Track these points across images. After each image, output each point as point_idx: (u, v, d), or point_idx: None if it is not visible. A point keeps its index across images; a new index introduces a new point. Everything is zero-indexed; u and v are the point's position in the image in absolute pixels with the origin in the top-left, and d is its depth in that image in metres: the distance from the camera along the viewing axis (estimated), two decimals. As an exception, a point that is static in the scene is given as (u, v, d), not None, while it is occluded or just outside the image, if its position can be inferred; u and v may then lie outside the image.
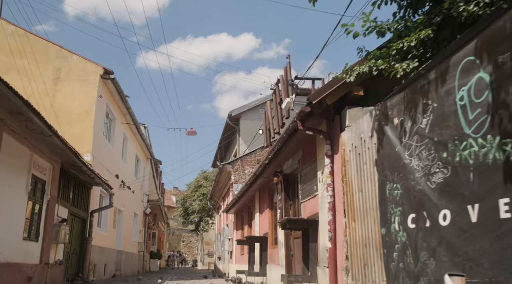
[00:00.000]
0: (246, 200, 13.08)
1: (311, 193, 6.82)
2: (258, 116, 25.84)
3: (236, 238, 15.96)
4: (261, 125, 22.43)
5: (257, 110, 26.42)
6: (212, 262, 38.66)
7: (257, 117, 25.82)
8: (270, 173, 9.13)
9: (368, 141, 4.86)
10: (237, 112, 25.91)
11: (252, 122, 25.58)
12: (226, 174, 18.59)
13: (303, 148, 7.41)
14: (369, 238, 4.77)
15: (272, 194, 10.35)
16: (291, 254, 8.19)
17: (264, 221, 10.68)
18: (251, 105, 26.39)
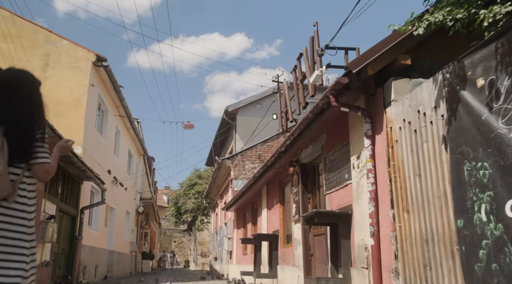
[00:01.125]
0: (250, 195, 12.12)
1: (340, 182, 5.88)
2: (256, 112, 24.95)
3: (237, 237, 14.98)
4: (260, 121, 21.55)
5: (254, 105, 25.53)
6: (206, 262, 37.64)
7: (254, 113, 24.92)
8: (284, 163, 8.18)
9: (431, 114, 3.94)
10: (234, 107, 24.98)
11: (249, 118, 24.66)
12: (225, 170, 17.62)
13: (327, 133, 6.48)
14: (433, 232, 3.84)
15: (283, 187, 9.40)
16: (310, 253, 7.25)
17: (274, 217, 9.72)
18: (248, 100, 25.48)
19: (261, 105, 25.44)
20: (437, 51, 5.52)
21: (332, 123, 6.14)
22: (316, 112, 5.76)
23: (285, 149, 7.44)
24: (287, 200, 9.17)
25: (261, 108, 25.53)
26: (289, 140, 6.99)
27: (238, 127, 25.28)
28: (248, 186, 10.96)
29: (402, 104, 4.46)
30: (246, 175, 17.07)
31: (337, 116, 5.85)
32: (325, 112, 5.66)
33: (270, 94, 25.21)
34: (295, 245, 7.86)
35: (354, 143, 5.45)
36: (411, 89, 4.73)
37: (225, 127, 26.37)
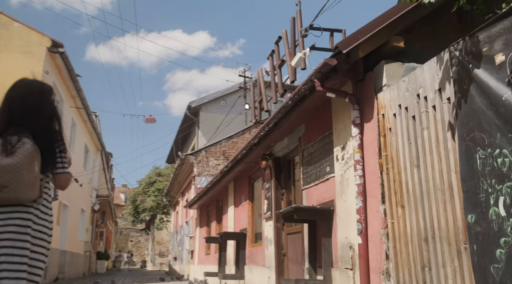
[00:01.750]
0: (215, 192, 11.52)
1: (320, 176, 5.43)
2: (219, 108, 24.36)
3: (200, 236, 14.33)
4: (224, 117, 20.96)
5: (218, 102, 24.95)
6: (164, 262, 36.58)
7: (218, 110, 24.34)
8: (256, 156, 7.66)
9: (434, 98, 3.52)
10: (197, 103, 24.30)
11: (212, 115, 24.05)
12: (188, 166, 16.92)
13: (306, 123, 6.01)
14: (434, 229, 3.43)
15: (252, 183, 8.89)
16: (283, 253, 6.77)
17: (242, 215, 9.19)
18: (211, 96, 24.86)
19: (225, 102, 24.89)
20: (425, 37, 5.18)
21: (312, 112, 5.68)
22: (296, 99, 5.27)
23: (258, 141, 6.93)
24: (256, 197, 8.66)
25: (225, 105, 24.98)
26: (264, 131, 6.47)
27: (201, 123, 24.64)
28: (214, 182, 10.37)
29: (397, 88, 4.04)
30: (210, 172, 16.46)
31: (319, 104, 5.39)
32: (306, 99, 5.18)
33: (235, 91, 24.73)
34: (266, 244, 7.36)
35: (339, 133, 5.00)
36: (404, 74, 4.33)
37: (188, 123, 25.64)
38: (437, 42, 5.15)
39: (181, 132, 27.80)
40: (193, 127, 25.68)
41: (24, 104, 2.34)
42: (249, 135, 17.45)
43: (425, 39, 5.12)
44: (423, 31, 5.15)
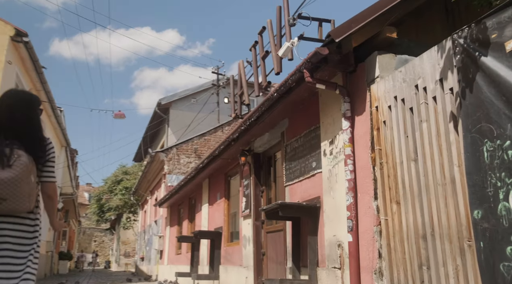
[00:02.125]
0: (188, 190, 11.16)
1: (305, 172, 5.21)
2: (190, 106, 23.97)
3: (170, 235, 13.90)
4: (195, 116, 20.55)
5: (189, 99, 24.56)
6: (129, 263, 35.68)
7: (188, 108, 23.94)
8: (234, 152, 7.39)
9: (434, 88, 3.36)
10: (167, 100, 23.81)
11: (182, 113, 23.62)
12: (158, 164, 16.45)
13: (290, 117, 5.80)
14: (434, 226, 3.26)
15: (229, 180, 8.60)
16: (262, 252, 6.52)
17: (217, 213, 8.88)
18: (182, 94, 24.43)
19: (196, 100, 24.50)
20: (414, 31, 5.07)
21: (297, 106, 5.47)
22: (282, 92, 5.04)
23: (238, 136, 6.65)
24: (233, 194, 8.39)
25: (196, 103, 24.58)
26: (245, 126, 6.21)
27: (171, 121, 24.14)
28: (188, 180, 10.02)
29: (392, 79, 3.87)
30: (181, 170, 16.06)
31: (305, 97, 5.18)
32: (293, 91, 4.96)
33: (206, 89, 24.34)
34: (243, 243, 7.09)
35: (326, 127, 4.80)
36: (396, 66, 4.18)
37: (157, 120, 25.07)
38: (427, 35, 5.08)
39: (150, 130, 27.18)
40: (162, 125, 25.14)
41: (14, 116, 2.36)
42: (222, 133, 17.16)
43: (414, 33, 5.02)
44: (412, 25, 5.05)
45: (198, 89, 24.77)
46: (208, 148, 16.78)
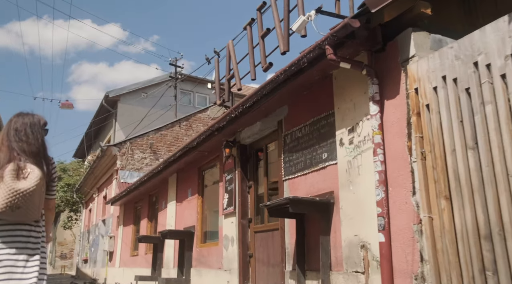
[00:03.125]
0: (149, 187, 10.23)
1: (313, 164, 4.62)
2: (140, 101, 22.80)
3: (123, 235, 12.79)
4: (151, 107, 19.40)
5: (139, 94, 23.35)
6: (66, 265, 33.40)
7: (138, 102, 22.75)
8: (214, 144, 6.68)
9: (503, 65, 2.88)
10: (116, 93, 22.45)
11: (132, 107, 22.39)
12: (110, 159, 15.22)
13: (290, 104, 5.19)
14: (504, 224, 2.78)
15: (203, 175, 7.83)
16: (249, 254, 5.85)
17: (187, 211, 8.07)
18: (132, 87, 23.15)
19: (146, 94, 23.33)
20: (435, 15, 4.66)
21: (299, 91, 4.87)
22: (292, 72, 4.41)
23: (224, 125, 5.94)
24: (208, 190, 7.63)
25: (146, 98, 23.40)
26: (235, 113, 5.51)
27: (119, 116, 22.76)
28: (152, 175, 9.11)
29: (439, 57, 3.37)
30: (135, 166, 14.96)
31: (314, 80, 4.60)
32: (304, 72, 4.35)
33: (159, 83, 23.21)
34: (224, 244, 6.38)
35: (344, 113, 4.23)
36: (432, 46, 3.71)
37: (103, 115, 23.56)
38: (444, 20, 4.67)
39: (96, 124, 25.55)
40: (109, 120, 23.68)
41: (28, 137, 2.57)
42: (179, 128, 16.24)
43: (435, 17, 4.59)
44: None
45: (150, 83, 23.57)
46: (165, 143, 15.81)
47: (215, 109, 17.16)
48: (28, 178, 2.40)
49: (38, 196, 2.42)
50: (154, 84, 23.41)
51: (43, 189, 2.49)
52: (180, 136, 16.14)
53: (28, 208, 2.37)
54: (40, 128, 2.67)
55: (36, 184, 2.39)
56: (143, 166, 15.15)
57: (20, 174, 2.40)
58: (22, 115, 2.68)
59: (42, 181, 2.46)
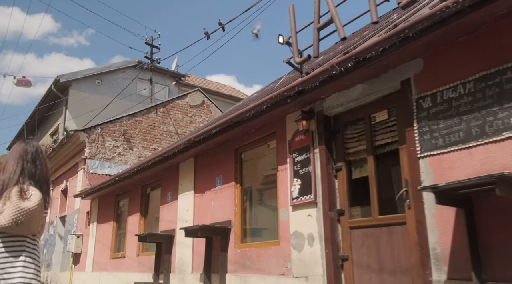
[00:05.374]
0: (143, 176, 8.35)
1: (486, 134, 3.29)
2: (94, 89, 20.43)
3: (97, 234, 10.63)
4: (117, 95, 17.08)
5: (93, 80, 20.93)
6: None
7: (92, 90, 20.32)
8: (271, 117, 5.15)
9: None
10: (67, 78, 19.81)
11: (85, 95, 19.90)
12: (76, 146, 12.93)
13: (427, 56, 3.81)
14: None
15: (241, 158, 6.20)
16: (342, 256, 4.38)
17: (218, 203, 6.37)
18: (86, 73, 20.64)
19: (101, 81, 20.91)
20: None
21: (452, 36, 3.52)
22: (460, 8, 3.05)
23: (303, 90, 4.44)
24: (249, 177, 6.03)
25: (101, 86, 20.98)
26: (338, 69, 4.04)
27: (71, 104, 20.13)
28: (160, 160, 7.29)
29: None
30: (106, 155, 12.82)
31: (494, 18, 3.27)
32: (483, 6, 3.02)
33: (114, 70, 20.91)
34: (294, 244, 4.85)
35: None
36: None
37: (52, 101, 20.74)
38: None
39: (43, 113, 22.57)
40: (59, 108, 20.89)
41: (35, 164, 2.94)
42: (156, 115, 14.26)
43: None
44: None
45: (106, 70, 21.15)
46: (140, 131, 13.78)
47: (194, 96, 15.38)
48: (31, 198, 2.78)
49: (38, 213, 2.81)
50: (110, 71, 21.03)
51: (42, 208, 2.84)
52: (156, 123, 14.17)
53: (29, 223, 2.75)
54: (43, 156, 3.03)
55: (37, 204, 2.78)
56: (115, 156, 13.03)
57: (23, 195, 2.77)
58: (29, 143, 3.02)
59: (42, 201, 2.82)
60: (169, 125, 14.36)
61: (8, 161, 2.97)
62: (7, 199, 2.73)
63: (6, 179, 2.85)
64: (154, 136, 13.92)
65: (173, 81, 21.96)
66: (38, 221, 2.81)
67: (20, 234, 2.75)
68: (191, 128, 14.76)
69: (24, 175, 2.86)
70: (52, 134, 22.40)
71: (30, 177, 2.88)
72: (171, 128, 14.41)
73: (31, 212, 2.72)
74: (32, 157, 2.96)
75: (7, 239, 2.73)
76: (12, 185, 2.79)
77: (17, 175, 2.84)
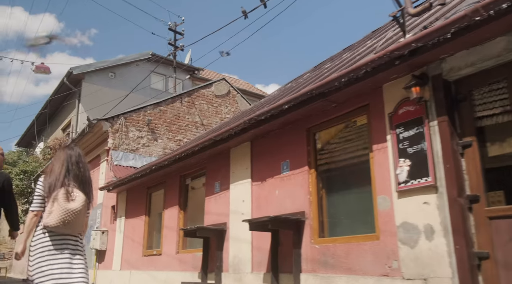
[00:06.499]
0: (181, 166, 7.41)
1: None
2: (107, 82, 19.59)
3: (125, 229, 9.68)
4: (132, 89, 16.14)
5: (106, 73, 20.06)
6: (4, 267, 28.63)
7: (105, 83, 19.47)
8: (360, 88, 4.20)
9: None
10: (81, 70, 18.93)
11: (98, 88, 19.02)
12: (98, 136, 11.99)
13: None
14: None
15: (315, 139, 5.24)
16: (477, 253, 3.43)
17: (285, 191, 5.42)
18: (99, 65, 19.71)
19: (113, 75, 20.06)
20: None
21: None
22: None
23: (422, 47, 3.49)
24: (326, 161, 5.07)
25: (114, 78, 20.12)
26: (497, 8, 3.08)
27: (83, 97, 19.26)
28: (213, 142, 6.35)
29: None
30: (130, 146, 11.88)
31: None
32: None
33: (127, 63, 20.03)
34: (402, 238, 3.89)
35: None
36: None
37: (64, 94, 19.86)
38: None
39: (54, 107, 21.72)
40: (72, 100, 19.98)
41: (78, 167, 3.25)
42: (180, 104, 13.31)
43: None
44: None
45: (119, 62, 20.27)
46: (164, 121, 12.82)
47: (219, 85, 14.42)
48: (76, 200, 3.07)
49: (82, 214, 3.11)
50: (123, 64, 20.16)
51: (85, 209, 3.17)
52: (181, 113, 13.21)
53: (75, 223, 3.05)
54: (85, 159, 3.39)
55: (82, 205, 3.08)
56: (139, 147, 12.08)
57: (69, 197, 3.06)
58: (72, 148, 3.37)
59: (85, 203, 3.14)
60: (194, 116, 13.40)
61: (54, 164, 3.23)
62: (55, 201, 3.01)
63: (53, 181, 3.11)
64: (179, 126, 12.96)
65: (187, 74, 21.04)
66: (82, 221, 3.13)
67: (68, 233, 3.06)
68: (217, 119, 13.81)
69: (69, 177, 3.14)
70: (63, 129, 21.48)
71: (74, 178, 3.15)
72: (197, 118, 13.46)
73: (77, 213, 3.02)
74: (76, 160, 3.24)
75: (57, 237, 3.02)
76: (59, 187, 3.07)
77: (62, 176, 3.11)
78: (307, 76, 7.60)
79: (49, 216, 3.00)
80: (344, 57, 6.27)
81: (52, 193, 3.07)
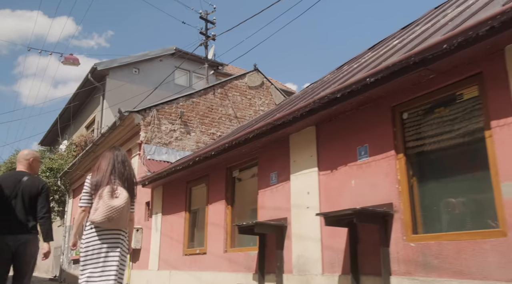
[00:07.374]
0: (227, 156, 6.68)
1: None
2: (131, 78, 19.04)
3: (162, 227, 9.00)
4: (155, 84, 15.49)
5: (130, 69, 19.52)
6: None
7: (128, 79, 18.93)
8: (496, 44, 3.37)
9: None
10: (105, 66, 18.40)
11: (122, 84, 18.47)
12: (130, 130, 11.36)
13: None
14: None
15: (402, 120, 4.44)
16: None
17: (369, 180, 4.62)
18: (123, 61, 19.16)
19: (137, 70, 19.53)
20: None
21: None
22: None
23: None
24: (418, 144, 4.26)
25: (137, 74, 19.60)
26: None
27: (107, 92, 18.78)
28: (265, 131, 5.59)
29: None
30: (163, 140, 11.21)
31: None
32: None
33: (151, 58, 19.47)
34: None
35: None
36: None
37: (88, 90, 19.41)
38: None
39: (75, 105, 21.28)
40: (96, 96, 19.53)
41: (124, 166, 3.50)
42: (213, 96, 12.59)
43: None
44: None
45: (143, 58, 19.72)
46: (197, 114, 12.13)
47: (253, 76, 13.67)
48: (119, 197, 3.31)
49: (126, 211, 3.34)
50: (147, 59, 19.61)
51: (128, 205, 3.40)
52: (214, 106, 12.50)
53: (119, 219, 3.29)
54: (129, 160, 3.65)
55: (125, 202, 3.31)
56: (172, 141, 11.41)
57: (113, 194, 3.30)
58: (118, 149, 3.66)
59: (128, 200, 3.38)
60: (227, 108, 12.68)
61: (100, 163, 3.51)
62: (100, 198, 3.29)
63: (100, 177, 3.39)
64: (212, 119, 12.26)
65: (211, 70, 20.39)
66: (126, 217, 3.41)
67: (113, 228, 3.36)
68: (250, 111, 13.07)
69: (115, 175, 3.42)
70: (87, 126, 21.03)
71: (119, 177, 3.43)
72: (230, 111, 12.73)
73: (121, 209, 3.31)
74: (121, 159, 3.53)
75: (104, 232, 3.33)
76: (105, 185, 3.35)
77: (108, 173, 3.40)
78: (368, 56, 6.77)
79: (95, 212, 3.26)
80: (438, 19, 5.27)
81: (98, 190, 3.31)
